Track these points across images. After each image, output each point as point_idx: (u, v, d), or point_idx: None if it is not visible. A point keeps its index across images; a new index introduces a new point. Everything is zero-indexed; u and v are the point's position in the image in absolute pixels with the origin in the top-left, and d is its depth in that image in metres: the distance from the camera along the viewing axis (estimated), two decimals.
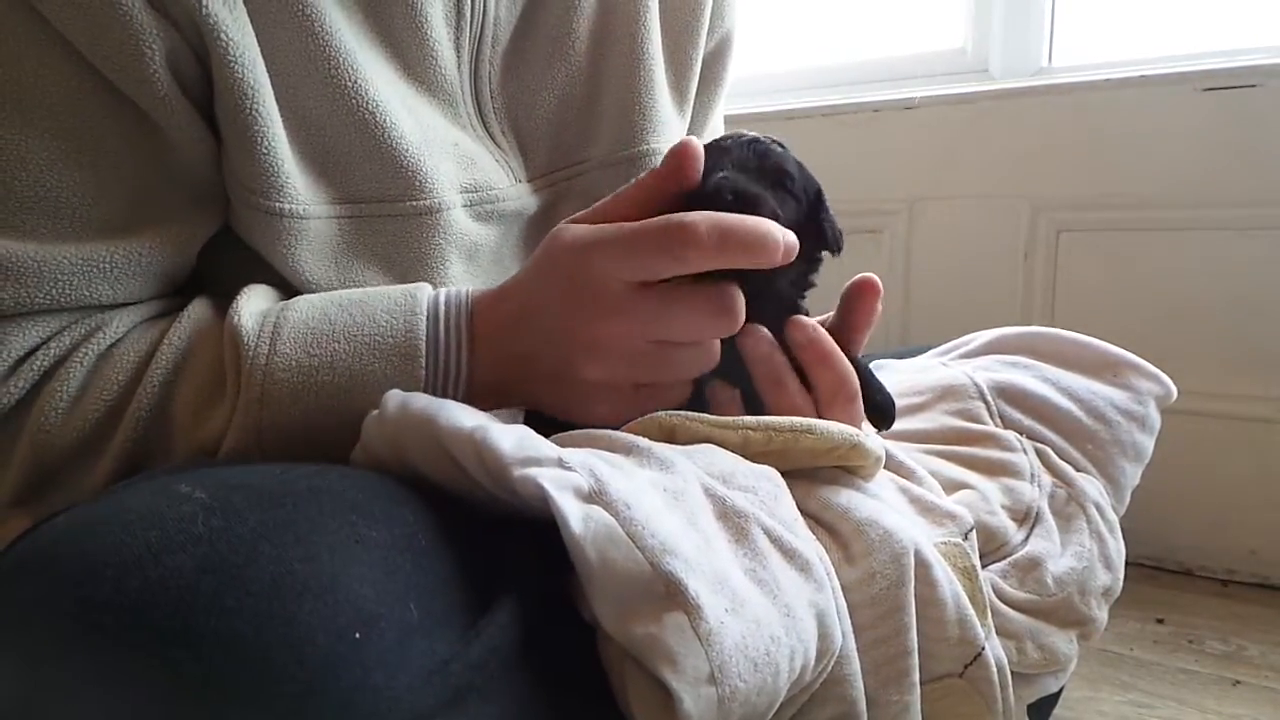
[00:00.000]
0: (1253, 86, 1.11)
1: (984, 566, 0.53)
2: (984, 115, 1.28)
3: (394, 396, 0.44)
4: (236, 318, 0.48)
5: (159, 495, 0.34)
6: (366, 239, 0.55)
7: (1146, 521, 1.19)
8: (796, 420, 0.47)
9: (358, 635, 0.30)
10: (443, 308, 0.50)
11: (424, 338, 0.48)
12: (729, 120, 1.44)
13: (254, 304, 0.50)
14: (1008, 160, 1.27)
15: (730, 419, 0.47)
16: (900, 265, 1.36)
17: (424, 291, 0.50)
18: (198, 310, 0.51)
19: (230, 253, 0.54)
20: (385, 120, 0.53)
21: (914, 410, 0.64)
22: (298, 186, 0.52)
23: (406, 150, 0.54)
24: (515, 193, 0.62)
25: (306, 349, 0.47)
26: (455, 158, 0.58)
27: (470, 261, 0.60)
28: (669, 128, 0.68)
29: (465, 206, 0.58)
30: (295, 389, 0.47)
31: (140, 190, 0.50)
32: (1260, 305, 1.13)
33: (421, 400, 0.42)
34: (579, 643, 0.38)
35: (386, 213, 0.55)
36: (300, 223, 0.52)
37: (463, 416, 0.40)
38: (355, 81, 0.52)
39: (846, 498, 0.47)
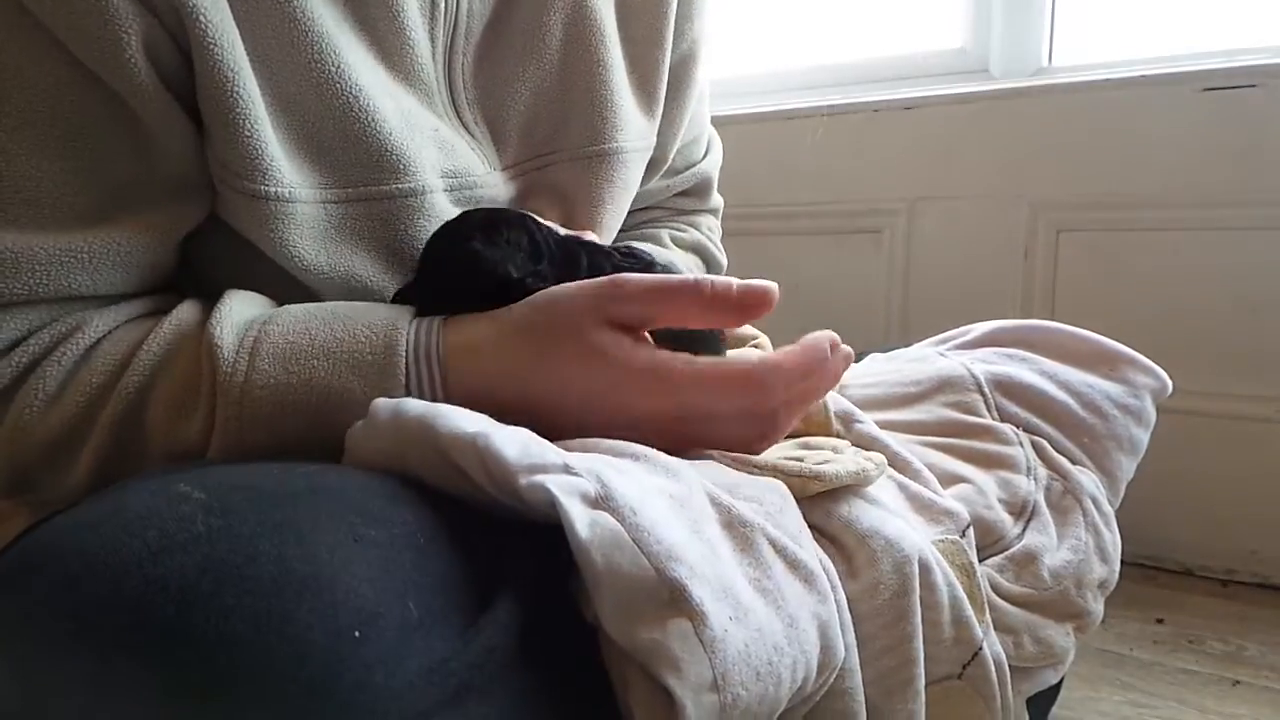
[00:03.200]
0: (1252, 86, 1.11)
1: (981, 561, 0.53)
2: (984, 115, 1.28)
3: (384, 406, 0.43)
4: (217, 330, 0.47)
5: (158, 494, 0.34)
6: (352, 223, 0.55)
7: (1146, 521, 1.19)
8: (805, 467, 0.47)
9: (357, 634, 0.30)
10: (418, 341, 0.49)
11: (404, 355, 0.48)
12: (731, 120, 1.45)
13: (236, 314, 0.49)
14: (1008, 160, 1.27)
15: (738, 455, 0.47)
16: (900, 265, 1.36)
17: (406, 316, 0.50)
18: (181, 315, 0.51)
19: (226, 245, 0.54)
20: (367, 104, 0.53)
21: (911, 401, 0.64)
22: (283, 170, 0.52)
23: (389, 134, 0.54)
24: (491, 180, 0.63)
25: (285, 366, 0.47)
26: (436, 143, 0.58)
27: None
28: (633, 128, 0.69)
29: (446, 191, 0.59)
30: (274, 408, 0.46)
31: (120, 179, 0.50)
32: (1260, 305, 1.13)
33: (416, 406, 0.42)
34: (579, 641, 0.38)
35: (370, 196, 0.55)
36: (287, 206, 0.52)
37: (462, 421, 0.40)
38: (337, 66, 0.52)
39: (849, 508, 0.47)
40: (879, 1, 1.52)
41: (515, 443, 0.38)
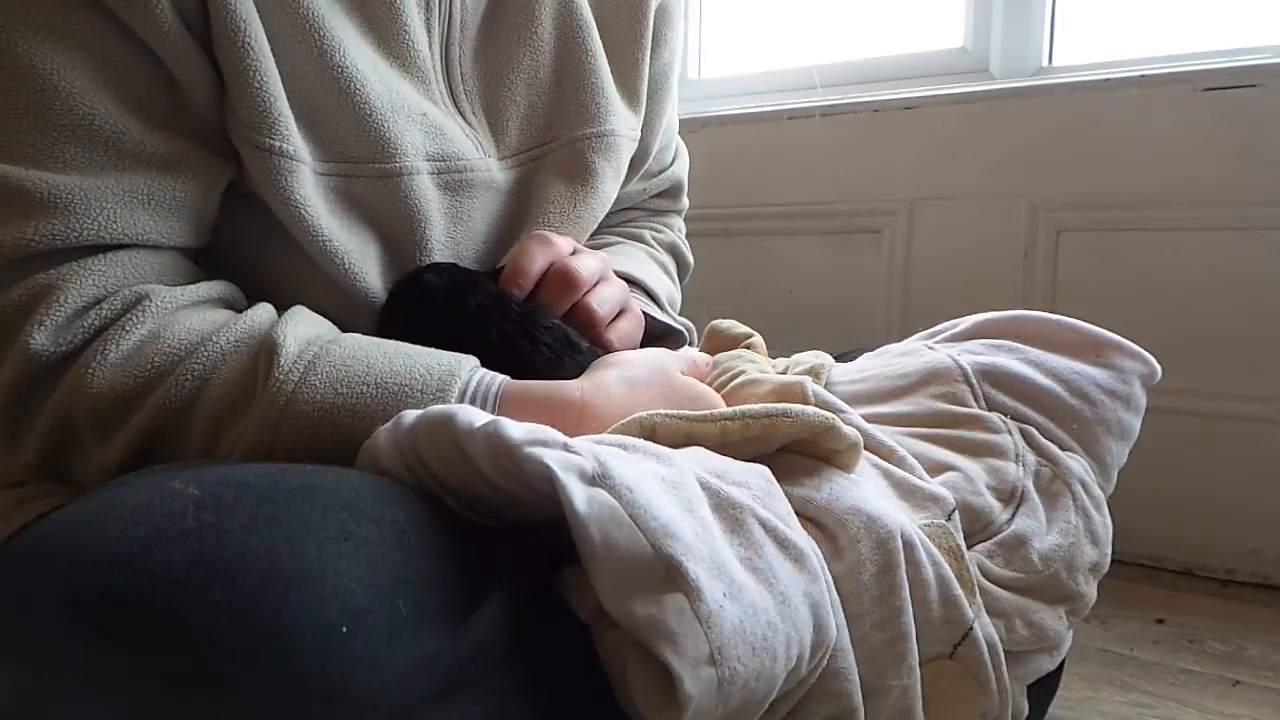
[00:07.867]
0: (1253, 86, 1.11)
1: (970, 547, 0.53)
2: (984, 115, 1.28)
3: (408, 413, 0.44)
4: (282, 336, 0.49)
5: (152, 491, 0.34)
6: (337, 197, 0.57)
7: (1146, 521, 1.19)
8: (771, 406, 0.48)
9: (344, 629, 0.30)
10: (475, 387, 0.51)
11: (454, 396, 0.49)
12: (731, 120, 1.45)
13: (304, 326, 0.51)
14: (1008, 160, 1.27)
15: (707, 412, 0.48)
16: (900, 265, 1.36)
17: (470, 361, 0.52)
18: (257, 315, 0.52)
19: (246, 221, 0.56)
20: (351, 85, 0.55)
21: (899, 394, 0.64)
22: (291, 129, 0.54)
23: (370, 114, 0.56)
24: (484, 165, 0.64)
25: (335, 387, 0.48)
26: (423, 127, 0.60)
27: (452, 224, 0.62)
28: (621, 117, 0.72)
29: (431, 174, 0.60)
30: (311, 426, 0.47)
31: (163, 123, 0.52)
32: (1260, 305, 1.13)
33: (443, 407, 0.43)
34: (569, 640, 0.39)
35: (357, 173, 0.57)
36: (295, 164, 0.54)
37: (477, 417, 0.41)
38: (325, 45, 0.54)
39: (828, 491, 0.48)
40: (879, 1, 1.52)
41: (522, 427, 0.39)
